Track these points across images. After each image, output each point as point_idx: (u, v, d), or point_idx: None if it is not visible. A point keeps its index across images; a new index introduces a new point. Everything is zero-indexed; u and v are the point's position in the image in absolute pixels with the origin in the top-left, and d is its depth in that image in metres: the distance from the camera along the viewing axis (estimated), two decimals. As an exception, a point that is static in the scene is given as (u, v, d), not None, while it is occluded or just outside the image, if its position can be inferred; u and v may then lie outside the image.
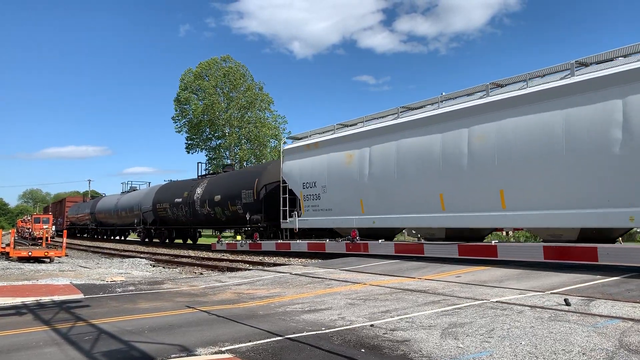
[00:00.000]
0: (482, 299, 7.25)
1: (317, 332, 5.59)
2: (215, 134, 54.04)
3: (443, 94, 14.23)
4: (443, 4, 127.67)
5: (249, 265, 16.37)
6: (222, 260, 18.78)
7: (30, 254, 19.60)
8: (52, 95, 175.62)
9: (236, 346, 5.04)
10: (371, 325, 5.81)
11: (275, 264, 15.56)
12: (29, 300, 8.48)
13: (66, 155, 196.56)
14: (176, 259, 20.62)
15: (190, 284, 10.81)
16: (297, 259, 17.08)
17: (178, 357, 4.75)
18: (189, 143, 55.34)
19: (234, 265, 16.64)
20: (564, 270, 9.98)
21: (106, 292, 9.49)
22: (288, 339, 5.29)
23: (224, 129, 52.80)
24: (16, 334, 5.89)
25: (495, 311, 6.36)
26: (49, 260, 19.86)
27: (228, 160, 53.38)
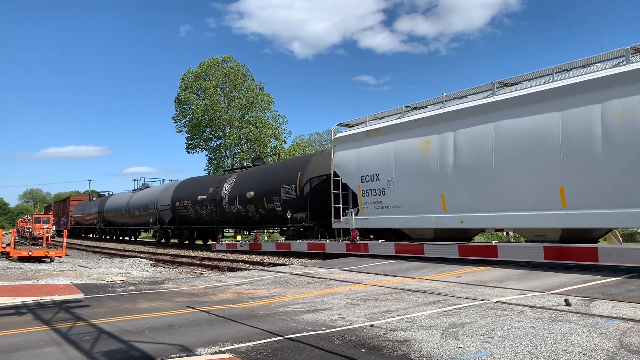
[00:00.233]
0: (482, 299, 7.25)
1: (318, 332, 5.59)
2: (216, 134, 54.06)
3: (554, 67, 11.58)
4: (443, 4, 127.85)
5: (249, 265, 16.37)
6: (223, 260, 18.78)
7: (30, 253, 19.61)
8: (53, 95, 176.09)
9: (236, 346, 5.04)
10: (371, 326, 5.81)
11: (275, 264, 15.57)
12: (29, 300, 8.48)
13: (66, 155, 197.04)
14: (176, 259, 20.63)
15: (190, 283, 10.81)
16: (297, 259, 17.08)
17: (178, 357, 4.75)
18: (189, 143, 55.39)
19: (234, 265, 16.64)
20: (564, 270, 9.99)
21: (106, 292, 9.49)
22: (288, 339, 5.29)
23: (224, 129, 52.81)
24: (16, 334, 5.89)
25: (496, 311, 6.36)
26: (49, 260, 19.87)
27: (228, 160, 53.38)
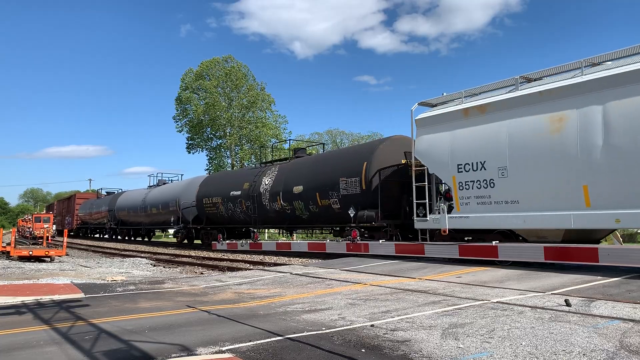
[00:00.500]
0: (482, 300, 7.25)
1: (318, 332, 5.59)
2: (216, 133, 54.05)
3: None
4: (444, 5, 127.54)
5: (249, 265, 16.37)
6: (223, 260, 18.78)
7: (31, 253, 19.62)
8: (53, 95, 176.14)
9: (236, 346, 5.04)
10: (372, 326, 5.81)
11: (275, 264, 15.57)
12: (29, 299, 8.49)
13: (67, 155, 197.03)
14: (177, 259, 20.65)
15: (190, 283, 10.81)
16: (297, 258, 17.09)
17: (178, 356, 4.75)
18: (189, 143, 55.37)
19: (234, 265, 16.65)
20: (564, 270, 9.99)
21: (106, 292, 9.50)
22: (288, 338, 5.29)
23: (224, 128, 52.80)
24: (16, 333, 5.89)
25: (496, 312, 6.36)
26: (49, 259, 19.88)
27: (229, 160, 53.35)
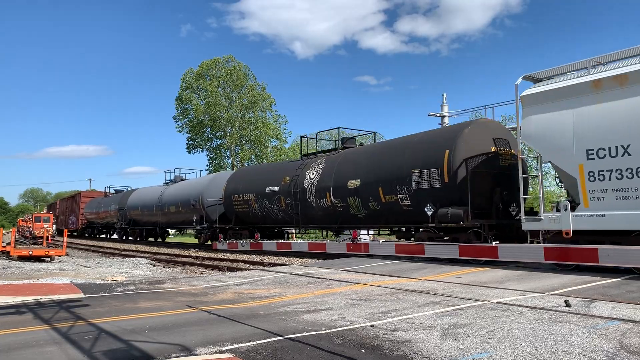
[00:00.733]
0: (482, 300, 7.25)
1: (318, 332, 5.59)
2: (217, 133, 54.04)
3: None
4: (444, 5, 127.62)
5: (249, 265, 16.38)
6: (223, 260, 18.78)
7: (30, 253, 19.62)
8: (53, 95, 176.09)
9: (236, 346, 5.04)
10: (371, 326, 5.81)
11: (275, 264, 15.57)
12: (29, 299, 8.49)
13: (67, 155, 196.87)
14: (176, 259, 20.65)
15: (190, 283, 10.81)
16: (297, 259, 17.09)
17: (178, 356, 4.75)
18: (189, 143, 55.36)
19: (234, 265, 16.65)
20: (564, 271, 9.98)
21: (106, 292, 9.50)
22: (288, 339, 5.29)
23: (225, 128, 52.80)
24: (16, 333, 5.90)
25: (496, 312, 6.36)
26: (49, 259, 19.88)
27: (229, 160, 53.33)
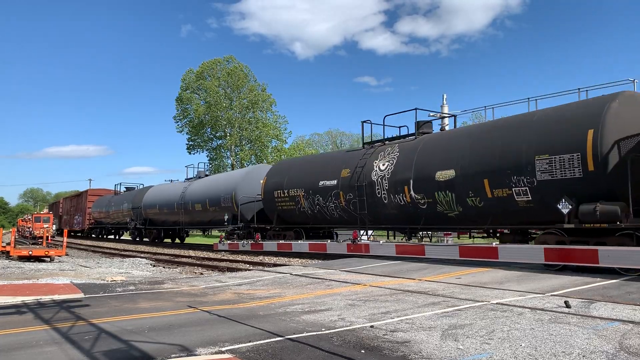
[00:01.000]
0: (482, 301, 7.25)
1: (317, 332, 5.59)
2: (217, 134, 54.06)
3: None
4: (444, 6, 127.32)
5: (249, 266, 16.37)
6: (222, 260, 18.78)
7: (30, 253, 19.61)
8: (53, 95, 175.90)
9: (236, 346, 5.04)
10: (371, 326, 5.81)
11: (275, 265, 15.56)
12: (29, 299, 8.50)
13: (67, 155, 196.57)
14: (176, 259, 20.64)
15: (190, 284, 10.81)
16: (297, 259, 17.08)
17: (178, 357, 4.76)
18: (190, 144, 55.39)
19: (234, 265, 16.65)
20: (564, 272, 9.98)
21: (106, 292, 9.50)
22: (288, 339, 5.29)
23: (225, 129, 52.81)
24: (16, 333, 5.90)
25: (496, 313, 6.36)
26: (49, 259, 19.87)
27: (229, 161, 53.31)
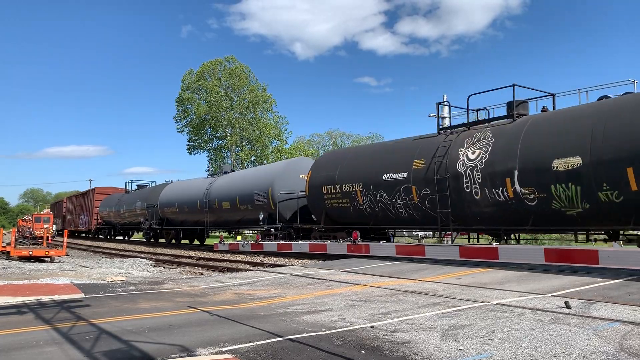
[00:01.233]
0: (482, 301, 7.25)
1: (318, 333, 5.59)
2: (217, 134, 54.09)
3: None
4: (445, 6, 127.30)
5: (249, 266, 16.38)
6: (223, 260, 18.78)
7: (31, 253, 19.62)
8: (54, 95, 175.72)
9: (236, 347, 5.04)
10: (371, 327, 5.81)
11: (275, 265, 15.56)
12: (29, 299, 8.50)
13: (67, 155, 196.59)
14: (177, 259, 20.64)
15: (190, 284, 10.82)
16: (297, 259, 17.08)
17: (178, 357, 4.76)
18: (190, 144, 55.42)
19: (234, 265, 16.65)
20: (565, 272, 9.97)
21: (107, 292, 9.50)
22: (288, 339, 5.30)
23: (225, 129, 52.83)
24: (17, 333, 5.90)
25: (496, 313, 6.36)
26: (49, 259, 19.88)
27: (229, 161, 53.31)
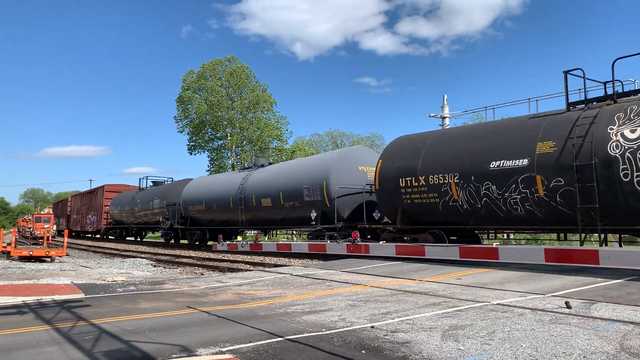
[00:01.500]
0: (482, 301, 7.25)
1: (318, 333, 5.59)
2: (218, 134, 54.07)
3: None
4: (445, 7, 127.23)
5: (249, 266, 16.38)
6: (223, 260, 18.78)
7: (31, 253, 19.62)
8: (54, 95, 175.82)
9: (237, 347, 5.04)
10: (372, 327, 5.81)
11: (276, 265, 15.56)
12: (30, 299, 8.50)
13: (68, 155, 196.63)
14: (177, 260, 20.64)
15: (191, 284, 10.82)
16: (297, 260, 17.08)
17: (179, 357, 4.76)
18: (190, 144, 55.38)
19: (234, 266, 16.65)
20: (565, 273, 9.97)
21: (107, 292, 9.50)
22: (289, 339, 5.29)
23: (226, 129, 52.81)
24: (17, 333, 5.90)
25: (496, 313, 6.36)
26: (50, 259, 19.88)
27: (230, 161, 53.30)
